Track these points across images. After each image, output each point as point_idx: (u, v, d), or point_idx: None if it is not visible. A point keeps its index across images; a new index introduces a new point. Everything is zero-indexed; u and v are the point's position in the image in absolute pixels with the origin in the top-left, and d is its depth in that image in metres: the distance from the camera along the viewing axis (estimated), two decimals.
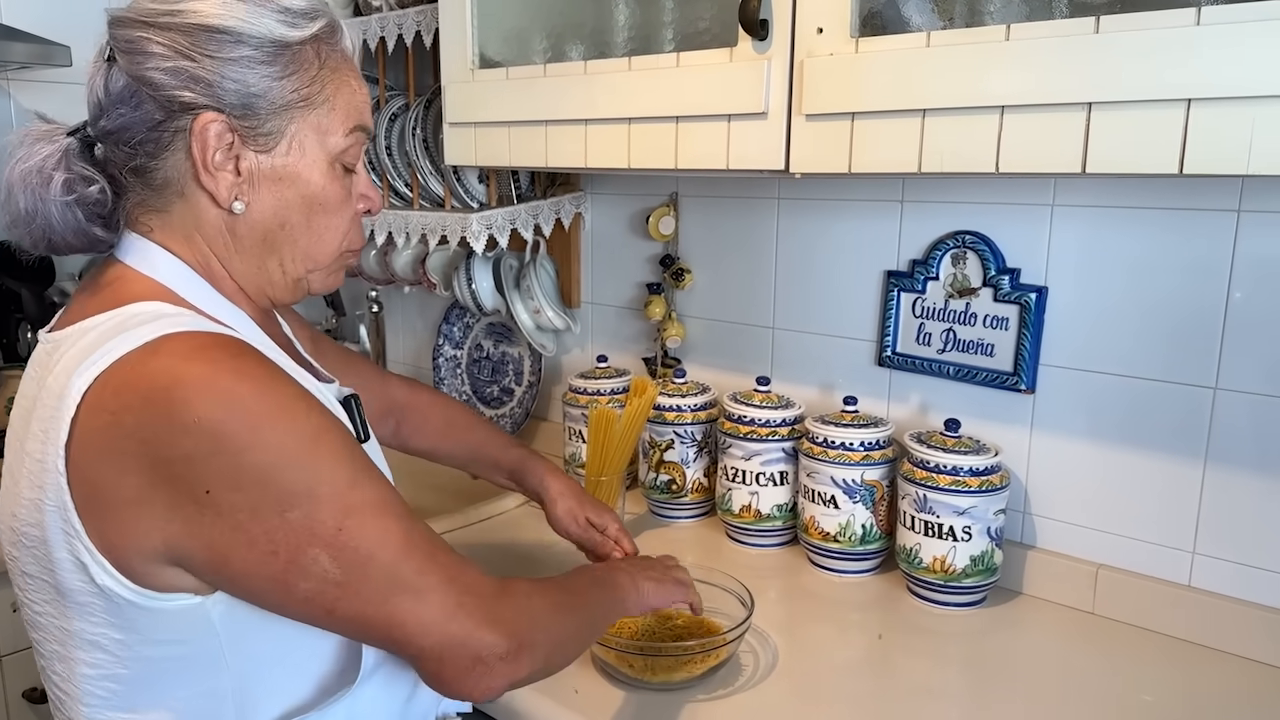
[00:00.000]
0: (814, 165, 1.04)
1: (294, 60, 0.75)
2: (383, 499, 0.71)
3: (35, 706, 1.48)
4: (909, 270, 1.32)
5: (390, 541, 0.70)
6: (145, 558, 0.68)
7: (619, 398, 1.54)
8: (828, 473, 1.26)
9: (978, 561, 1.17)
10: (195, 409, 0.64)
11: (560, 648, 0.81)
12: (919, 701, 1.00)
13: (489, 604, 0.74)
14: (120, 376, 0.66)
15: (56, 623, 0.73)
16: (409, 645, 0.71)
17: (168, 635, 0.71)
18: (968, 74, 0.91)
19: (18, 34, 1.66)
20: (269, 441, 0.66)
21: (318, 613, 0.70)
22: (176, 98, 0.72)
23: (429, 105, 1.63)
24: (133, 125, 0.73)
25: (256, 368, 0.69)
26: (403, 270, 1.88)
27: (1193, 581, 1.13)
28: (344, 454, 0.70)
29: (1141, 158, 0.82)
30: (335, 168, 0.80)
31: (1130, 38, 0.81)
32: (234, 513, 0.66)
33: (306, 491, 0.67)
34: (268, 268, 0.80)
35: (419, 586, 0.70)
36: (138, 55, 0.72)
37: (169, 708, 0.73)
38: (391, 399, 1.21)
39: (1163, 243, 1.11)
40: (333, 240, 0.82)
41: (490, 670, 0.72)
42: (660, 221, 1.57)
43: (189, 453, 0.64)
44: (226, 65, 0.72)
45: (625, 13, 1.29)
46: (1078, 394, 1.19)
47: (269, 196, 0.77)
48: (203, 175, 0.74)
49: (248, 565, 0.67)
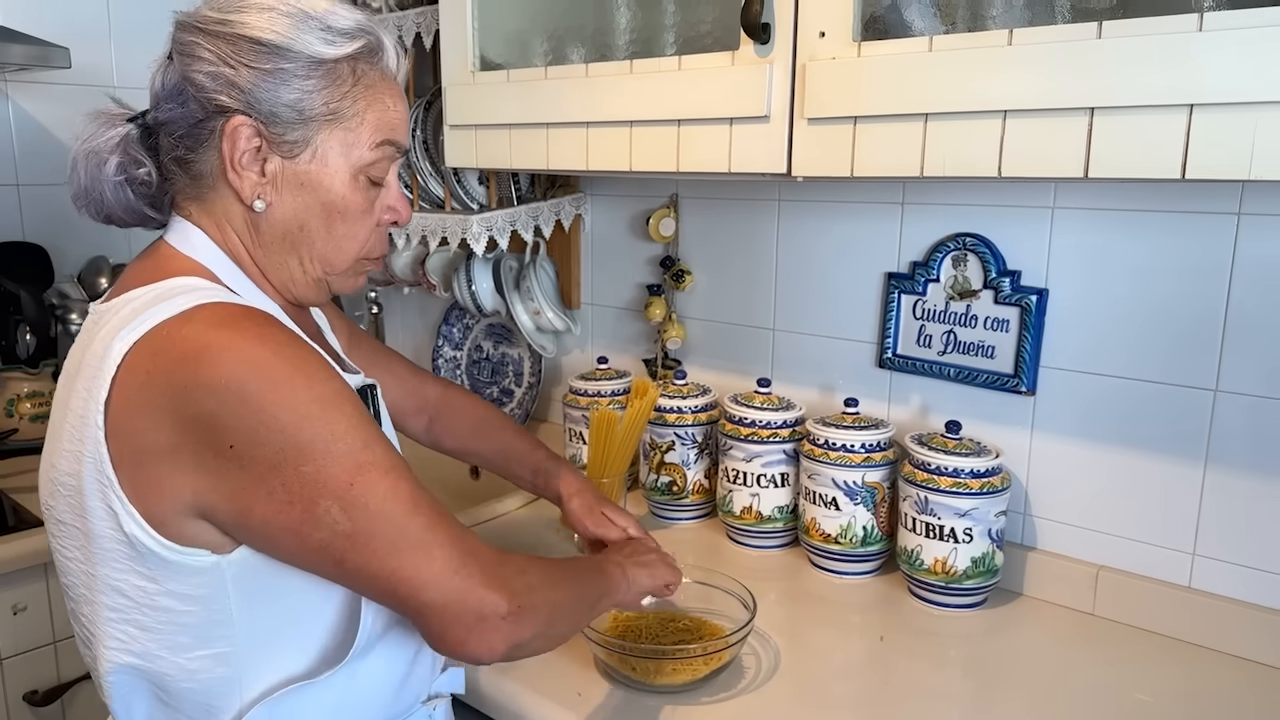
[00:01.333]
0: (816, 169, 1.05)
1: (328, 76, 0.80)
2: (394, 463, 0.75)
3: (36, 709, 1.48)
4: (910, 272, 1.32)
5: (399, 499, 0.74)
6: (174, 509, 0.73)
7: (619, 399, 1.54)
8: (829, 474, 1.27)
9: (979, 563, 1.17)
10: (221, 371, 0.70)
11: (560, 615, 0.83)
12: (920, 703, 1.01)
13: (491, 566, 0.77)
14: (156, 341, 0.72)
15: (84, 568, 0.78)
16: (413, 599, 0.74)
17: (184, 589, 0.76)
18: (970, 78, 0.91)
19: (16, 35, 1.65)
20: (287, 401, 0.71)
21: (329, 563, 0.74)
22: (215, 100, 0.78)
23: (429, 107, 1.63)
24: (178, 120, 0.80)
25: (279, 334, 0.74)
26: (402, 271, 1.87)
27: (1193, 583, 1.14)
28: (358, 418, 0.75)
29: (1144, 163, 0.82)
30: (359, 179, 0.84)
31: (1133, 43, 0.81)
32: (254, 466, 0.71)
33: (322, 448, 0.71)
34: (289, 265, 0.85)
35: (426, 543, 0.74)
36: (188, 58, 0.79)
37: (177, 662, 0.78)
38: (425, 397, 1.25)
39: (1163, 245, 1.11)
40: (350, 248, 0.87)
41: (493, 628, 0.75)
42: (660, 223, 1.58)
43: (214, 410, 0.70)
44: (263, 76, 0.78)
45: (627, 16, 1.29)
46: (1078, 396, 1.20)
47: (290, 200, 0.82)
48: (230, 173, 0.80)
49: (267, 514, 0.72)
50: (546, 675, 1.04)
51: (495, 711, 1.04)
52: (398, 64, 0.87)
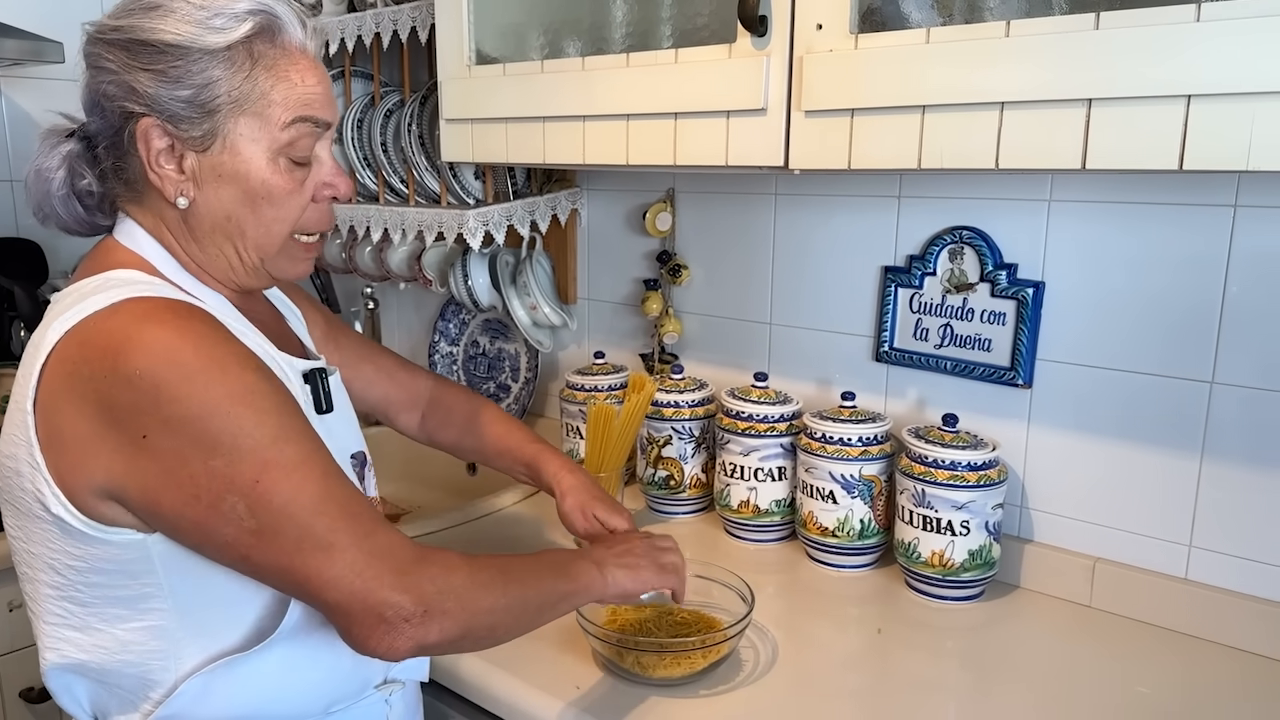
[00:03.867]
0: (814, 162, 1.04)
1: (225, 64, 0.80)
2: (305, 458, 0.76)
3: (33, 706, 1.48)
4: (906, 266, 1.32)
5: (304, 498, 0.74)
6: (90, 492, 0.75)
7: (616, 394, 1.54)
8: (826, 468, 1.27)
9: (976, 556, 1.17)
10: (138, 362, 0.72)
11: (484, 619, 0.81)
12: (918, 695, 1.01)
13: (401, 567, 0.76)
14: (84, 332, 0.75)
15: (25, 546, 0.82)
16: (318, 598, 0.75)
17: (112, 565, 0.78)
18: (967, 70, 0.91)
19: (9, 30, 1.64)
20: (199, 394, 0.73)
21: (236, 558, 0.76)
22: (123, 106, 0.80)
23: (424, 101, 1.62)
24: (102, 130, 0.83)
25: (200, 328, 0.76)
26: (398, 267, 1.87)
27: (1190, 575, 1.14)
28: (272, 413, 0.75)
29: (1142, 154, 0.82)
30: (279, 161, 0.84)
31: (1130, 34, 0.81)
32: (165, 457, 0.73)
33: (230, 443, 0.73)
34: (225, 255, 0.86)
35: (329, 543, 0.74)
36: (96, 69, 0.81)
37: (114, 636, 0.81)
38: (417, 392, 1.24)
39: (1160, 238, 1.11)
40: (280, 230, 0.87)
41: (394, 630, 0.75)
42: (657, 217, 1.57)
43: (131, 401, 0.72)
44: (159, 77, 0.79)
45: (623, 9, 1.29)
46: (1075, 389, 1.20)
47: (212, 192, 0.83)
48: (150, 174, 0.82)
49: (175, 507, 0.74)
50: (544, 668, 1.04)
51: (491, 704, 1.04)
52: (306, 35, 0.85)
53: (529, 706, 1.00)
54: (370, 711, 0.93)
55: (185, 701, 0.81)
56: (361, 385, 1.16)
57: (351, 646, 0.76)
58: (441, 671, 1.07)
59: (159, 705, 0.81)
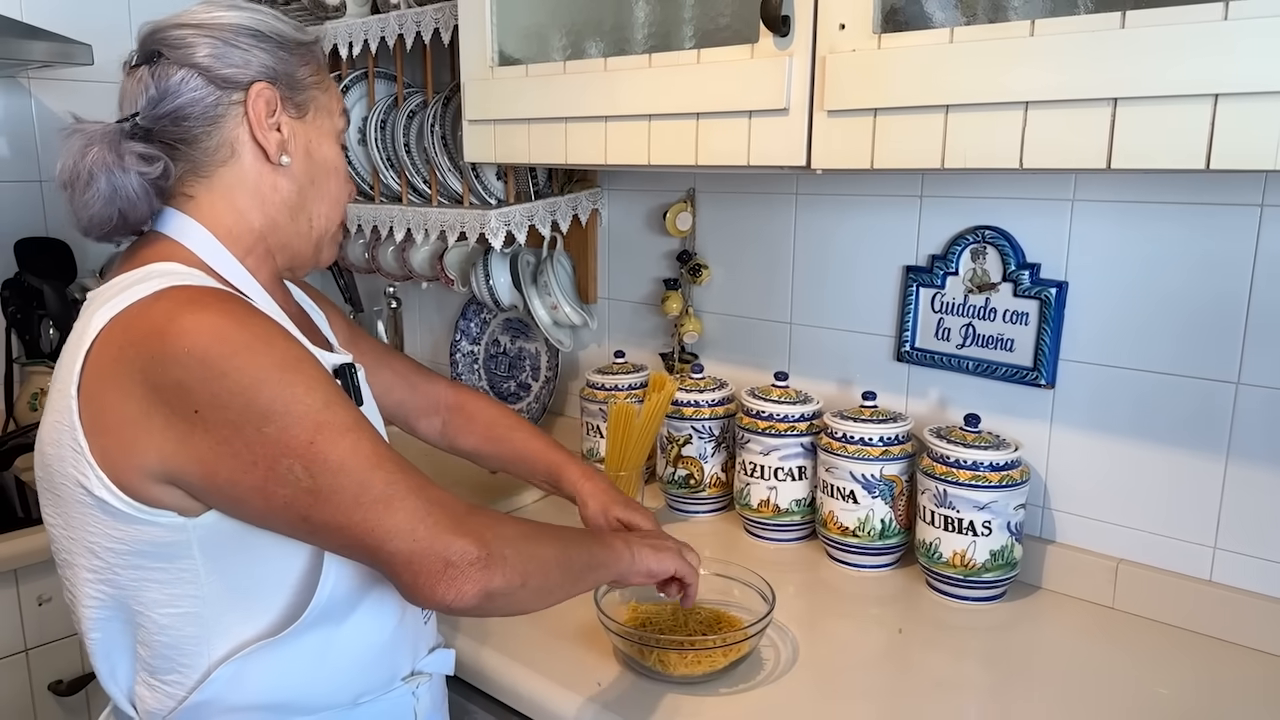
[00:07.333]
0: (836, 161, 1.05)
1: (307, 54, 0.93)
2: (355, 421, 0.78)
3: (61, 699, 1.50)
4: (928, 265, 1.32)
5: (360, 454, 0.76)
6: (143, 474, 0.77)
7: (636, 393, 1.54)
8: (846, 468, 1.27)
9: (997, 556, 1.17)
10: (186, 341, 0.74)
11: (539, 569, 0.82)
12: (939, 696, 1.01)
13: (460, 515, 0.78)
14: (128, 318, 0.77)
15: (64, 532, 0.83)
16: (381, 550, 0.76)
17: (152, 549, 0.80)
18: (991, 70, 0.91)
19: (39, 32, 1.67)
20: (248, 366, 0.75)
21: (296, 520, 0.77)
22: (226, 76, 0.86)
23: (447, 102, 1.63)
24: (188, 105, 0.86)
25: (242, 309, 0.79)
26: (420, 266, 1.88)
27: (1214, 576, 1.13)
28: (319, 381, 0.78)
29: (1168, 153, 0.82)
30: (338, 144, 0.97)
31: (1157, 32, 0.81)
32: (219, 429, 0.74)
33: (282, 409, 0.75)
34: (298, 222, 0.93)
35: (388, 495, 0.76)
36: (187, 49, 0.86)
37: (151, 617, 0.82)
38: (436, 399, 1.26)
39: (1185, 237, 1.11)
40: (342, 205, 0.98)
41: (463, 574, 0.76)
42: (677, 217, 1.58)
43: (180, 378, 0.74)
44: (262, 52, 0.88)
45: (645, 9, 1.30)
46: (1098, 389, 1.19)
47: (302, 157, 0.92)
48: (257, 133, 0.88)
49: (233, 475, 0.75)
50: (566, 664, 1.05)
51: (513, 700, 1.05)
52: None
53: (550, 702, 1.00)
54: (398, 704, 0.94)
55: (219, 687, 0.83)
56: (380, 390, 1.17)
57: (415, 599, 0.77)
58: (465, 667, 1.08)
59: (192, 691, 0.83)
